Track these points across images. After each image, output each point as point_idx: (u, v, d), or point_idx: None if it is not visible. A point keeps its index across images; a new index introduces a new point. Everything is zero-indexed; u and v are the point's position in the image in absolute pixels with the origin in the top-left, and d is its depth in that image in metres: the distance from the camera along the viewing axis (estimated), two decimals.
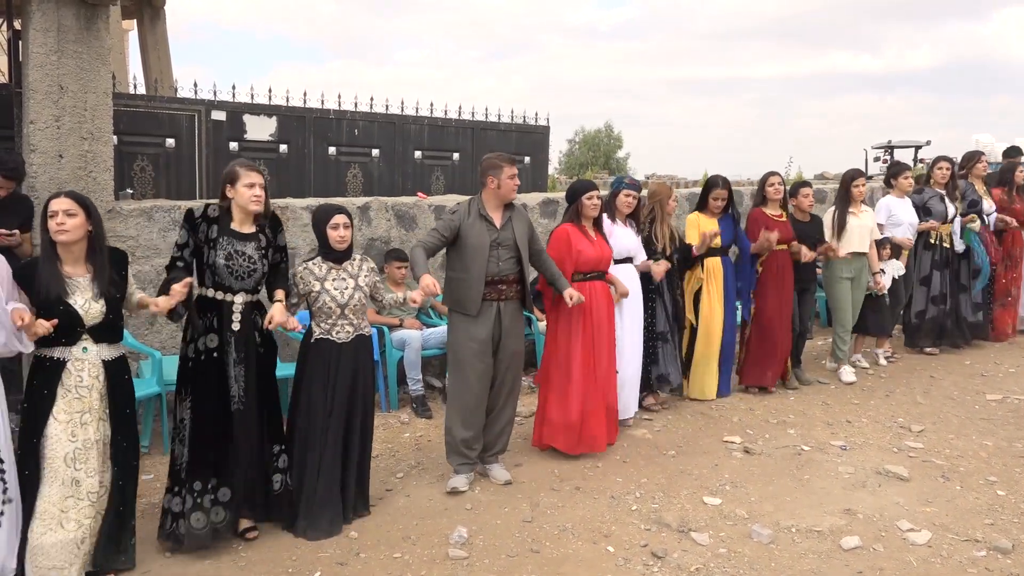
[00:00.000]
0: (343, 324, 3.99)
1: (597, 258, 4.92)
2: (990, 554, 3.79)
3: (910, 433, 5.47)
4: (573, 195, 4.99)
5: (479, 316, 4.37)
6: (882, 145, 18.53)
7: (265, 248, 3.78)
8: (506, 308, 4.45)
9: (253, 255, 3.72)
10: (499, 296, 4.42)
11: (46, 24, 4.77)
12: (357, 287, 4.01)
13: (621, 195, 5.41)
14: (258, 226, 3.80)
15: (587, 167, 36.69)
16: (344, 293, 3.97)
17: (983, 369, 7.10)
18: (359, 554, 3.72)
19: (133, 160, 7.14)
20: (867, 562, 3.71)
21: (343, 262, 4.02)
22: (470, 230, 4.36)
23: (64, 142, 4.87)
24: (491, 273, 4.37)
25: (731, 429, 5.51)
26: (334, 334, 3.99)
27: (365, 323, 4.10)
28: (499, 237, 4.41)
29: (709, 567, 3.65)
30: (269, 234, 3.83)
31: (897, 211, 7.09)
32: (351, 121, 8.54)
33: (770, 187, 6.23)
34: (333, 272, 3.99)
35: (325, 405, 3.94)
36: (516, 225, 4.48)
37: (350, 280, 4.00)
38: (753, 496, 4.42)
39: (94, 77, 4.96)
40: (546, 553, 3.77)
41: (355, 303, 4.00)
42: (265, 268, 3.78)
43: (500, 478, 4.55)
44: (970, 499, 4.42)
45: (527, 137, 10.03)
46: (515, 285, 4.49)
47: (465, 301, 4.38)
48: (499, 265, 4.39)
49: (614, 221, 5.39)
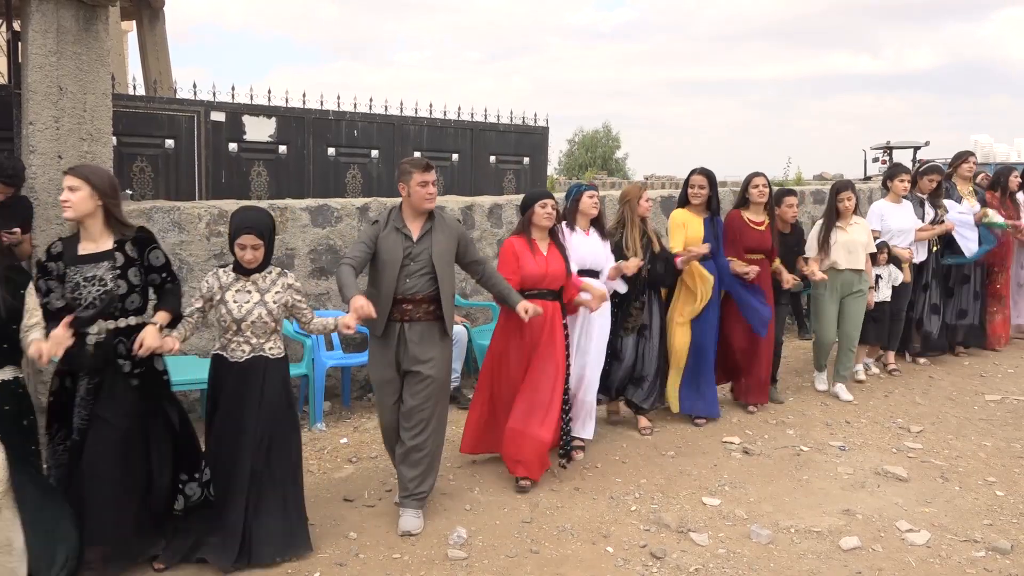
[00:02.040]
0: (239, 342, 3.59)
1: (541, 275, 4.45)
2: (989, 554, 3.80)
3: (909, 434, 5.47)
4: (526, 203, 4.59)
5: (384, 338, 3.98)
6: (881, 146, 18.54)
7: (123, 267, 3.38)
8: (412, 330, 3.95)
9: (105, 276, 3.34)
10: (403, 316, 3.95)
11: (45, 25, 4.77)
12: (261, 303, 3.58)
13: (584, 198, 4.90)
14: (116, 243, 3.41)
15: (586, 168, 36.72)
16: (242, 307, 3.56)
17: (982, 370, 7.11)
18: (358, 554, 3.73)
19: (132, 161, 7.13)
20: (866, 562, 3.71)
21: (252, 274, 3.63)
22: (384, 243, 3.96)
23: (63, 143, 4.86)
24: (399, 291, 3.93)
25: (730, 430, 5.51)
26: (228, 352, 3.60)
27: (271, 344, 3.64)
28: (412, 251, 3.95)
29: (708, 567, 3.65)
30: (131, 251, 3.44)
31: (889, 217, 6.65)
32: (350, 122, 8.53)
33: (754, 188, 5.67)
34: (239, 283, 3.60)
35: (232, 429, 3.58)
36: (436, 238, 3.99)
37: (255, 294, 3.59)
38: (752, 496, 4.43)
39: (93, 78, 4.96)
40: (545, 553, 3.77)
41: (254, 320, 3.56)
42: (124, 289, 3.37)
43: (401, 526, 3.94)
44: (969, 500, 4.43)
45: (526, 138, 10.03)
46: (426, 305, 3.97)
47: (371, 320, 3.89)
48: (407, 282, 3.93)
49: (574, 229, 4.89)
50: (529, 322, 4.32)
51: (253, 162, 7.89)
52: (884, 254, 6.51)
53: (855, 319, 6.25)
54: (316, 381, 5.49)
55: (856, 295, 6.20)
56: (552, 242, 4.60)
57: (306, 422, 5.57)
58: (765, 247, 5.67)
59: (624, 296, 5.22)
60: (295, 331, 5.59)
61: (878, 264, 6.49)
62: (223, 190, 7.55)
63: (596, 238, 4.96)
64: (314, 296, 5.95)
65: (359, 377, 6.19)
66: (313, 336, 5.58)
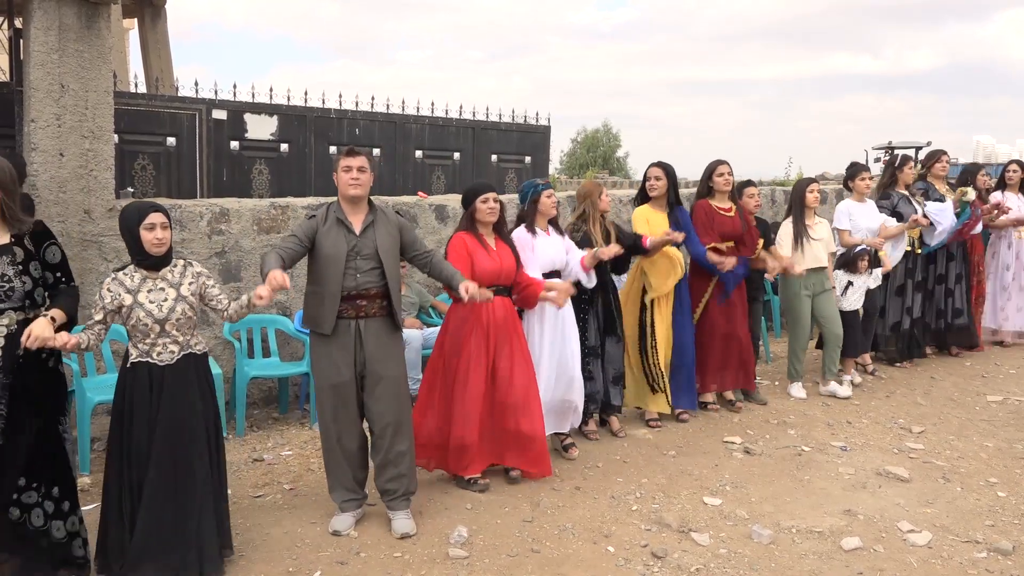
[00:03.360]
0: (165, 343, 3.39)
1: (496, 271, 4.34)
2: (991, 555, 3.79)
3: (910, 434, 5.47)
4: (467, 199, 4.47)
5: (335, 336, 3.82)
6: (882, 146, 18.55)
7: (23, 261, 3.24)
8: (368, 327, 3.85)
9: (7, 271, 3.19)
10: (358, 312, 3.83)
11: (47, 22, 4.77)
12: (180, 298, 3.40)
13: (542, 198, 4.80)
14: (13, 237, 3.25)
15: (587, 167, 36.72)
16: (163, 307, 3.37)
17: (984, 370, 7.10)
18: (359, 553, 3.72)
19: (134, 159, 7.14)
20: (867, 563, 3.71)
21: (161, 269, 3.42)
22: (325, 237, 3.80)
23: (65, 140, 4.86)
24: (348, 287, 3.79)
25: (731, 429, 5.50)
26: (155, 356, 3.38)
27: (196, 340, 3.51)
28: (358, 244, 3.82)
29: (709, 567, 3.65)
30: (29, 245, 3.29)
31: (857, 216, 6.52)
32: (352, 120, 8.54)
33: (719, 177, 5.66)
34: (149, 282, 3.39)
35: (145, 442, 3.35)
36: (380, 231, 3.87)
37: (170, 290, 3.40)
38: (753, 496, 4.42)
39: (95, 76, 4.96)
40: (546, 553, 3.77)
41: (178, 316, 3.39)
42: (29, 285, 3.24)
43: (397, 530, 3.89)
44: (971, 500, 4.42)
45: (528, 137, 10.03)
46: (378, 300, 3.86)
47: (318, 318, 3.83)
48: (357, 278, 3.80)
49: (535, 232, 4.77)
50: (495, 320, 4.33)
51: (255, 160, 7.90)
52: (865, 261, 6.33)
53: (833, 315, 6.26)
54: None
55: (827, 292, 6.25)
56: (498, 236, 4.49)
57: (307, 420, 5.57)
58: (737, 233, 5.69)
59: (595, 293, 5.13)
60: (296, 329, 5.60)
61: (860, 272, 6.36)
62: (225, 188, 7.56)
63: (556, 237, 4.88)
64: None
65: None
66: None
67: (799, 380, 6.39)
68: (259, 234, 5.65)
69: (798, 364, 6.37)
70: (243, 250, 5.58)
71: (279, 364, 5.67)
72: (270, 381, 5.84)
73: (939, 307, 7.34)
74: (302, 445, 5.15)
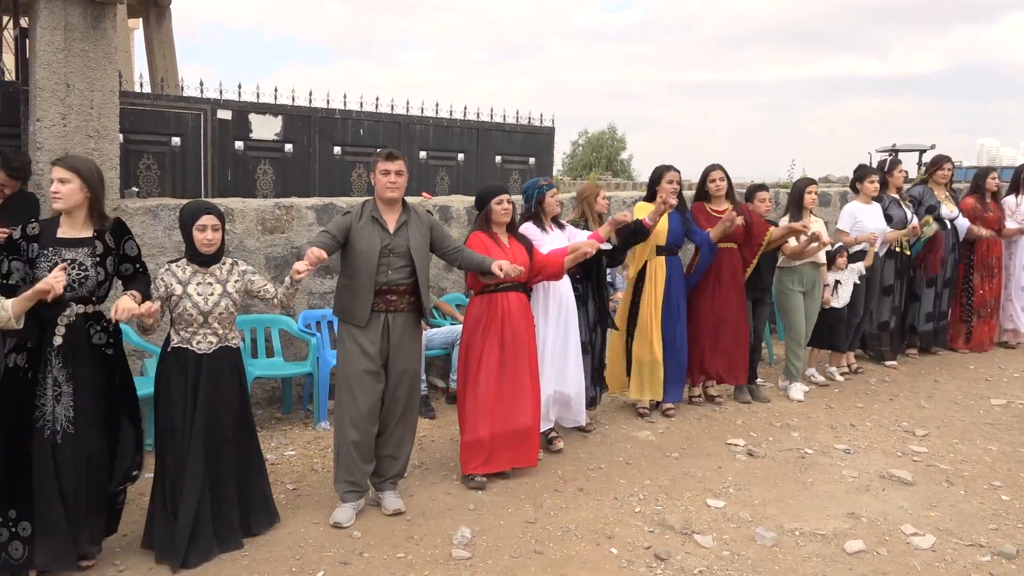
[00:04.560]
0: (205, 333, 3.65)
1: None
2: (994, 559, 3.79)
3: (914, 437, 5.46)
4: (482, 200, 4.65)
5: (367, 328, 4.02)
6: (886, 148, 18.50)
7: (102, 255, 3.44)
8: (395, 321, 4.05)
9: (85, 261, 3.38)
10: (388, 307, 4.03)
11: (53, 22, 4.78)
12: (225, 294, 3.68)
13: (547, 197, 4.99)
14: (96, 231, 3.46)
15: (591, 168, 36.71)
16: (208, 300, 3.64)
17: (987, 374, 7.09)
18: (362, 553, 3.72)
19: (139, 158, 7.14)
20: (871, 566, 3.70)
21: (210, 266, 3.70)
22: (360, 233, 4.00)
23: (70, 140, 4.87)
24: (380, 282, 3.99)
25: (735, 431, 5.50)
26: (194, 344, 3.63)
27: (233, 334, 3.77)
28: (391, 243, 4.02)
29: (712, 569, 3.64)
30: (110, 240, 3.50)
31: (863, 217, 6.65)
32: (356, 121, 8.53)
33: (712, 183, 5.87)
34: (199, 276, 3.67)
35: (185, 425, 3.60)
36: (412, 230, 4.08)
37: (217, 286, 3.67)
38: (757, 499, 4.42)
39: (101, 75, 4.97)
40: (549, 554, 3.77)
41: (221, 311, 3.66)
42: (102, 276, 3.42)
43: (390, 507, 4.13)
44: (974, 504, 4.41)
45: (532, 138, 10.02)
46: (407, 296, 4.07)
47: (352, 310, 4.03)
48: (389, 274, 4.01)
49: (544, 230, 4.95)
50: (513, 314, 4.51)
51: (259, 160, 7.89)
52: (844, 258, 6.48)
53: (812, 316, 6.39)
54: (320, 379, 5.49)
55: (813, 291, 6.35)
56: (512, 235, 4.67)
57: (311, 420, 5.58)
58: (736, 236, 5.81)
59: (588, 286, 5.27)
60: (300, 329, 5.61)
61: (838, 268, 6.48)
62: (229, 188, 7.56)
63: (559, 232, 5.04)
64: (319, 295, 5.95)
65: None
66: (318, 334, 5.59)
67: (798, 380, 6.40)
68: (263, 234, 5.66)
69: (796, 362, 6.38)
70: (247, 250, 5.59)
71: (283, 364, 5.67)
72: (274, 381, 5.84)
73: (927, 310, 7.40)
74: (305, 445, 5.15)
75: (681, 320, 5.72)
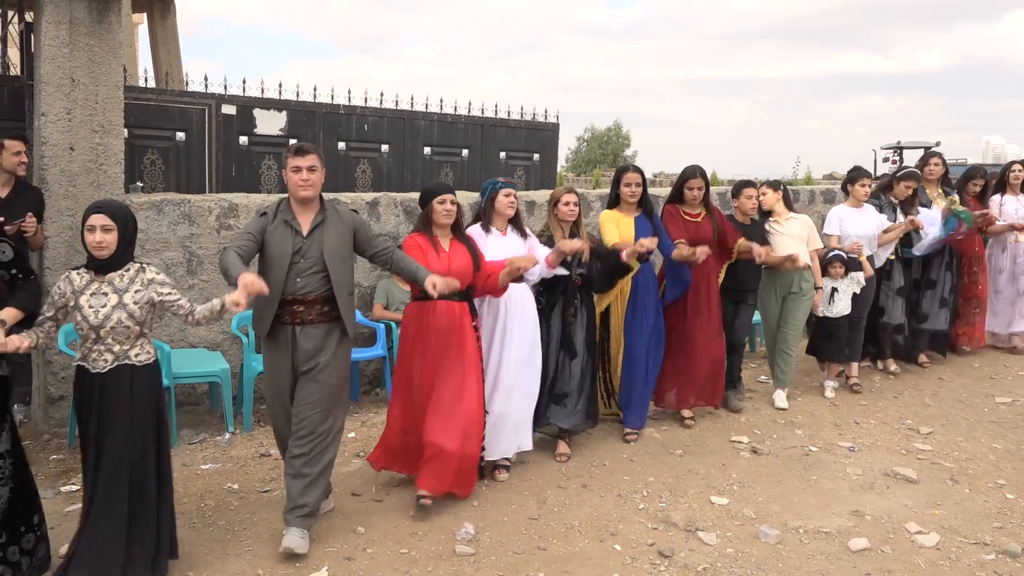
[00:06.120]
0: (100, 350, 3.23)
1: (443, 273, 3.95)
2: (999, 557, 3.78)
3: (919, 435, 5.45)
4: (424, 199, 4.27)
5: (273, 340, 3.71)
6: (891, 146, 18.49)
7: None
8: (304, 334, 3.66)
9: None
10: (294, 319, 3.66)
11: (58, 17, 4.78)
12: (120, 305, 3.20)
13: (499, 197, 4.53)
14: None
15: (595, 164, 36.68)
16: (99, 313, 3.19)
17: (992, 372, 7.07)
18: (366, 549, 3.73)
19: (143, 153, 7.15)
20: (875, 564, 3.70)
21: (107, 272, 3.24)
22: (272, 237, 3.63)
23: (75, 135, 4.88)
24: (287, 291, 3.62)
25: (739, 429, 5.49)
26: (89, 361, 3.24)
27: (138, 350, 3.29)
28: (302, 247, 3.64)
29: (716, 567, 3.64)
30: None
31: (848, 222, 6.28)
32: (361, 116, 8.53)
33: (689, 191, 5.43)
34: (94, 285, 3.23)
35: (91, 445, 3.25)
36: (328, 233, 3.68)
37: (112, 296, 3.21)
38: (761, 496, 4.41)
39: (105, 70, 4.97)
40: (553, 551, 3.77)
41: (114, 325, 3.19)
42: None
43: (283, 544, 3.58)
44: (979, 502, 4.40)
45: (536, 134, 10.00)
46: (319, 306, 3.67)
47: (259, 319, 3.71)
48: (297, 281, 3.62)
49: (489, 231, 4.54)
50: (436, 326, 4.12)
51: (263, 155, 7.89)
52: (839, 267, 6.07)
53: (793, 320, 5.98)
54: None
55: (796, 296, 5.94)
56: (455, 238, 4.27)
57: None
58: (706, 238, 5.35)
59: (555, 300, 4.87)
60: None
61: (834, 277, 6.10)
62: (233, 183, 7.56)
63: (515, 239, 4.59)
64: None
65: (367, 372, 6.19)
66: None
67: (782, 387, 6.08)
68: None
69: (784, 367, 6.06)
70: None
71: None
72: None
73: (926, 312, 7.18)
74: None
75: (645, 334, 5.22)
